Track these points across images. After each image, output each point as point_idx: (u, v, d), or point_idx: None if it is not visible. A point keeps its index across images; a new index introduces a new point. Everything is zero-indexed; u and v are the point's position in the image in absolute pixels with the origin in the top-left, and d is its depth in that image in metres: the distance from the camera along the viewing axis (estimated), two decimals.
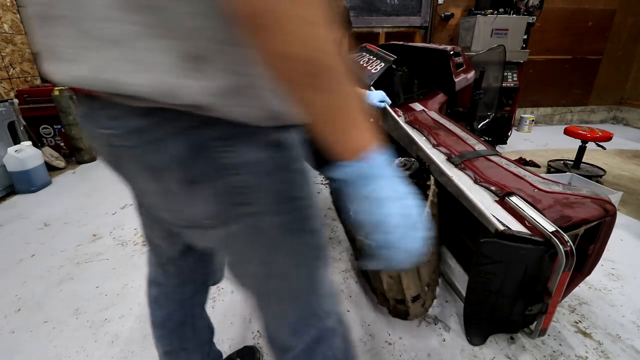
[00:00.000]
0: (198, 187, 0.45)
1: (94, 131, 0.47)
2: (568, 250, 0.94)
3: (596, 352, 1.20)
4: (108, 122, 0.44)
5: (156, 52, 0.37)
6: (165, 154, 0.43)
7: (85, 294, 1.52)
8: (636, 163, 3.08)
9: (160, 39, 0.36)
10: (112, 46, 0.37)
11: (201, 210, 0.48)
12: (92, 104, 0.45)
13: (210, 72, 0.38)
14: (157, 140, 0.42)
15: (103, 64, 0.38)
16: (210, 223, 0.49)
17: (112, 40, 0.37)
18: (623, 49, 4.38)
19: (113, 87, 0.38)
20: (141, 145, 0.43)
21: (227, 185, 0.45)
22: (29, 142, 2.63)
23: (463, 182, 1.26)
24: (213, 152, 0.43)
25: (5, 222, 2.16)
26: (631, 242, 1.86)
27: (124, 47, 0.37)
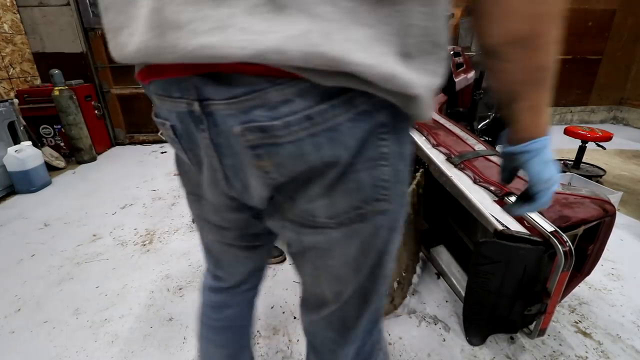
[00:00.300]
0: (341, 182, 0.42)
1: (225, 130, 0.39)
2: (567, 251, 0.94)
3: (596, 352, 1.20)
4: (261, 111, 0.37)
5: (374, 40, 0.35)
6: (335, 147, 0.39)
7: (85, 294, 1.52)
8: (636, 163, 3.08)
9: (381, 30, 0.35)
10: (325, 22, 0.33)
11: (328, 206, 0.44)
12: (211, 93, 0.38)
13: (417, 69, 0.38)
14: (330, 130, 0.38)
15: (317, 37, 0.33)
16: (329, 222, 0.45)
17: (323, 17, 0.33)
18: (623, 49, 4.38)
19: (332, 64, 0.34)
20: (314, 135, 0.38)
21: (373, 178, 0.43)
22: (29, 142, 2.63)
23: (462, 182, 1.26)
24: (375, 140, 0.41)
25: (5, 222, 2.17)
26: (631, 242, 1.86)
27: (342, 26, 0.34)
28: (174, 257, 1.77)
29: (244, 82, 0.36)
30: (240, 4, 0.33)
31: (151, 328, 1.33)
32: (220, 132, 0.40)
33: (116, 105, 3.78)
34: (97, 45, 3.55)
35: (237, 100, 0.37)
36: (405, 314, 1.37)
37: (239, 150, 0.41)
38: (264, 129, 0.37)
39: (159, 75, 0.41)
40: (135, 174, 2.97)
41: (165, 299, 1.48)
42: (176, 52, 0.34)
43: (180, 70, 0.38)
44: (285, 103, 0.36)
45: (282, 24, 0.33)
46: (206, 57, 0.33)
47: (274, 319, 1.36)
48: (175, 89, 0.40)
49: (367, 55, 0.34)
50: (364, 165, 0.41)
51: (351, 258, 0.50)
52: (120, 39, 0.40)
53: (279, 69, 0.35)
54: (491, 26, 0.42)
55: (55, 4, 3.30)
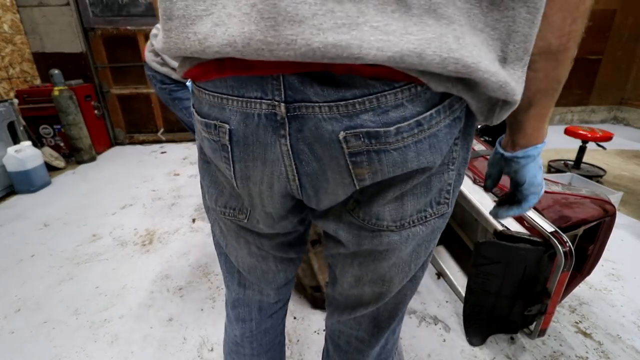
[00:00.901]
0: (417, 184, 0.41)
1: (322, 135, 0.36)
2: (567, 251, 0.93)
3: (596, 352, 1.20)
4: (372, 116, 0.35)
5: (485, 45, 0.34)
6: (436, 153, 0.38)
7: (85, 294, 1.52)
8: (637, 163, 3.08)
9: (488, 35, 0.35)
10: (453, 25, 0.32)
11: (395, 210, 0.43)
12: (313, 94, 0.35)
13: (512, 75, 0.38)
14: (433, 135, 0.37)
15: (451, 42, 0.31)
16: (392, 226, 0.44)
17: (451, 19, 0.32)
18: (623, 48, 4.37)
19: (465, 71, 0.32)
20: (419, 142, 0.37)
21: (442, 182, 0.43)
22: (29, 142, 2.63)
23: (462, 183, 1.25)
24: (453, 145, 0.41)
25: (5, 222, 2.17)
26: (632, 243, 1.85)
27: (468, 29, 0.33)
28: (174, 257, 1.77)
29: (358, 84, 0.34)
30: (366, 1, 0.30)
31: (151, 328, 1.33)
32: (305, 137, 0.37)
33: (116, 105, 3.78)
34: (97, 45, 3.55)
35: (345, 103, 0.34)
36: (405, 314, 1.37)
37: (326, 157, 0.38)
38: (372, 135, 0.35)
39: (243, 72, 0.36)
40: (135, 174, 2.97)
41: (165, 299, 1.48)
42: (293, 49, 0.31)
43: (275, 68, 0.34)
44: (396, 108, 0.35)
45: (415, 25, 0.31)
46: (332, 56, 0.30)
47: None
48: (256, 88, 0.36)
49: (487, 62, 0.33)
50: (437, 169, 0.41)
51: (403, 261, 0.50)
52: (197, 28, 0.35)
53: (403, 73, 0.33)
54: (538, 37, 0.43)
55: (55, 4, 3.30)
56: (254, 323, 0.73)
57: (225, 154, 0.42)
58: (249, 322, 0.73)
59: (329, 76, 0.34)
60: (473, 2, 0.32)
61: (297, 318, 1.36)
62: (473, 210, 1.15)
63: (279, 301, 0.74)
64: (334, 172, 0.39)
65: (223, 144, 0.41)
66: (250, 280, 0.67)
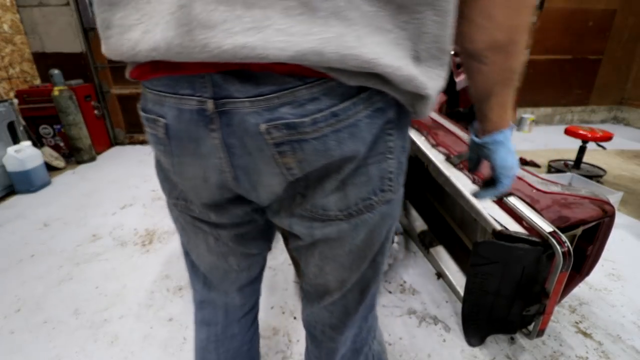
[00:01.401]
0: (354, 176, 0.44)
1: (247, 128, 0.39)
2: (565, 251, 0.93)
3: (596, 352, 1.20)
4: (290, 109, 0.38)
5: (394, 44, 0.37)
6: (355, 142, 0.41)
7: (84, 294, 1.52)
8: (637, 163, 3.08)
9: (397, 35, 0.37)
10: (354, 26, 0.35)
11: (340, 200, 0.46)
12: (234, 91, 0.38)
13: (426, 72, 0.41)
14: (351, 125, 0.40)
15: (351, 40, 0.35)
16: (339, 214, 0.47)
17: (353, 21, 0.35)
18: (623, 48, 4.37)
19: (366, 66, 0.35)
20: (338, 131, 0.40)
21: (382, 171, 0.46)
22: (29, 142, 2.63)
23: (461, 182, 1.26)
24: (384, 135, 0.44)
25: (4, 222, 2.17)
26: (632, 243, 1.85)
27: (370, 30, 0.36)
28: (173, 257, 1.77)
29: (274, 81, 0.37)
30: (273, 6, 0.33)
31: (151, 328, 1.33)
32: (234, 131, 0.40)
33: (116, 105, 3.79)
34: (97, 45, 3.55)
35: (264, 98, 0.37)
36: (406, 315, 1.37)
37: (255, 149, 0.41)
38: (290, 126, 0.38)
39: (171, 72, 0.40)
40: (135, 174, 2.97)
41: (165, 299, 1.48)
42: (207, 52, 0.34)
43: (199, 68, 0.37)
44: (312, 101, 0.38)
45: (318, 26, 0.34)
46: (242, 56, 0.33)
47: (274, 319, 1.36)
48: (186, 86, 0.40)
49: (392, 58, 0.37)
50: (374, 159, 0.44)
51: (358, 247, 0.52)
52: (130, 36, 0.39)
53: (311, 69, 0.36)
54: (475, 33, 0.47)
55: (55, 4, 3.30)
56: (219, 327, 0.73)
57: (162, 147, 0.46)
58: (214, 326, 0.73)
59: (248, 74, 0.37)
60: (380, 6, 0.35)
61: (297, 318, 1.36)
62: (472, 211, 1.15)
63: (245, 304, 0.74)
64: (264, 164, 0.42)
65: (160, 137, 0.45)
66: (213, 280, 0.68)
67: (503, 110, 0.57)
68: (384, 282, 1.55)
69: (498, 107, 0.56)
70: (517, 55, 0.50)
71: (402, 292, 1.50)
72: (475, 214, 1.14)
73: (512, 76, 0.52)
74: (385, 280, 1.57)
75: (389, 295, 1.48)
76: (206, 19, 0.33)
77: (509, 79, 0.53)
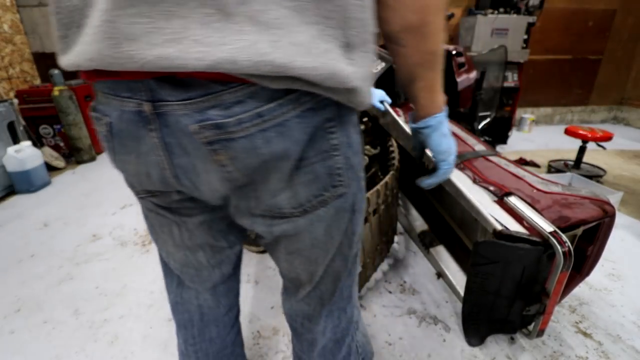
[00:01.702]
0: (299, 174, 0.47)
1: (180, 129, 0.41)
2: (566, 251, 0.93)
3: (596, 352, 1.20)
4: (216, 111, 0.40)
5: (318, 37, 0.39)
6: (285, 141, 0.43)
7: (85, 294, 1.52)
8: (637, 163, 3.08)
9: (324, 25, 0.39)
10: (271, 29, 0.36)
11: (291, 198, 0.48)
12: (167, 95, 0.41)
13: (359, 59, 0.43)
14: (279, 125, 0.42)
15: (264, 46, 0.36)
16: (294, 211, 0.50)
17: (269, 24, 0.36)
18: (623, 48, 4.37)
19: (279, 70, 0.37)
20: (260, 132, 0.41)
21: (328, 168, 0.48)
22: (29, 142, 2.63)
23: (462, 182, 1.25)
24: (324, 134, 0.46)
25: (4, 222, 2.17)
26: (632, 243, 1.85)
27: (286, 31, 0.37)
28: None
29: (199, 86, 0.39)
30: (191, 15, 0.35)
31: (151, 328, 1.33)
32: (172, 132, 0.42)
33: None
34: None
35: (193, 102, 0.40)
36: (406, 315, 1.37)
37: (192, 148, 0.43)
38: (218, 126, 0.40)
39: (111, 77, 0.42)
40: None
41: (165, 299, 1.47)
42: (134, 62, 0.36)
43: (135, 74, 0.40)
44: (238, 103, 0.40)
45: (232, 34, 0.36)
46: (164, 67, 0.36)
47: (274, 319, 1.36)
48: (125, 89, 0.42)
49: (310, 59, 0.38)
50: (318, 157, 0.47)
51: (319, 240, 0.55)
52: (75, 48, 0.41)
53: (232, 75, 0.38)
54: (389, 15, 0.48)
55: None
56: (195, 329, 0.73)
57: (107, 144, 0.49)
58: (190, 328, 0.73)
59: (176, 80, 0.40)
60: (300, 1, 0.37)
61: None
62: (472, 210, 1.15)
63: (221, 305, 0.73)
64: (201, 162, 0.44)
65: (105, 135, 0.47)
66: (185, 279, 0.68)
67: (431, 94, 0.59)
68: (384, 282, 1.55)
69: (426, 91, 0.58)
70: (433, 36, 0.51)
71: (402, 292, 1.50)
72: (475, 214, 1.14)
73: (433, 58, 0.54)
74: (385, 280, 1.57)
75: (389, 295, 1.48)
76: (130, 32, 0.36)
77: (429, 62, 0.54)
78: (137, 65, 0.36)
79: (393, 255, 1.75)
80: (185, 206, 0.56)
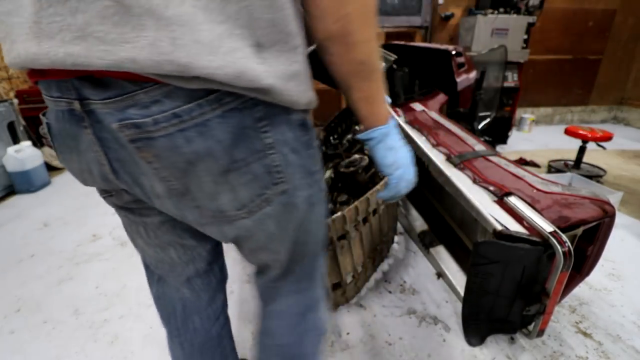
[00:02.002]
0: (235, 175, 0.46)
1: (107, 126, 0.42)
2: (566, 251, 0.93)
3: (596, 352, 1.20)
4: (134, 111, 0.40)
5: (226, 36, 0.38)
6: (207, 141, 0.42)
7: (84, 294, 1.52)
8: (637, 163, 3.07)
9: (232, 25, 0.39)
10: (174, 26, 0.36)
11: (233, 200, 0.48)
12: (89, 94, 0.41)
13: (272, 59, 0.43)
14: (199, 125, 0.42)
15: (166, 45, 0.36)
16: (240, 213, 0.50)
17: (173, 20, 0.36)
18: (623, 49, 4.37)
19: (185, 70, 0.37)
20: (180, 131, 0.41)
21: (265, 166, 0.48)
22: (29, 142, 2.63)
23: (462, 182, 1.25)
24: (254, 133, 0.46)
25: (4, 222, 2.17)
26: (632, 243, 1.85)
27: (189, 29, 0.36)
28: None
29: (116, 85, 0.40)
30: (91, 10, 0.35)
31: (151, 328, 1.33)
32: (103, 127, 0.43)
33: None
34: None
35: (112, 101, 0.40)
36: (406, 315, 1.37)
37: (121, 144, 0.44)
38: (137, 125, 0.40)
39: (41, 77, 0.44)
40: None
41: None
42: (49, 59, 0.38)
43: (60, 73, 0.41)
44: (155, 103, 0.40)
45: (132, 31, 0.36)
46: (72, 64, 0.37)
47: None
48: (55, 89, 0.43)
49: (215, 57, 0.38)
50: (254, 157, 0.46)
51: (275, 235, 0.56)
52: (5, 47, 0.44)
53: (141, 75, 0.38)
54: (314, 24, 0.47)
55: None
56: (179, 321, 0.75)
57: (53, 145, 0.51)
58: (173, 320, 0.75)
59: (95, 79, 0.40)
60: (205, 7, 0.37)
61: None
62: (472, 210, 1.15)
63: (201, 298, 0.74)
64: (131, 158, 0.45)
65: (49, 136, 0.49)
66: (162, 275, 0.71)
67: (371, 105, 0.57)
68: (384, 282, 1.55)
69: (364, 102, 0.56)
70: (359, 47, 0.49)
71: (402, 292, 1.50)
72: (475, 214, 1.14)
73: (365, 69, 0.52)
74: (385, 280, 1.57)
75: (389, 295, 1.48)
76: (48, 29, 0.37)
77: (361, 72, 0.52)
78: (51, 62, 0.38)
79: (393, 255, 1.75)
80: (142, 206, 0.57)
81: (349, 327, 1.32)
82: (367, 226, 1.36)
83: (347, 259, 1.31)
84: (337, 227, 1.19)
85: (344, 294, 1.38)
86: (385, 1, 3.83)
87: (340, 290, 1.36)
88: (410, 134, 1.62)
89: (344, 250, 1.27)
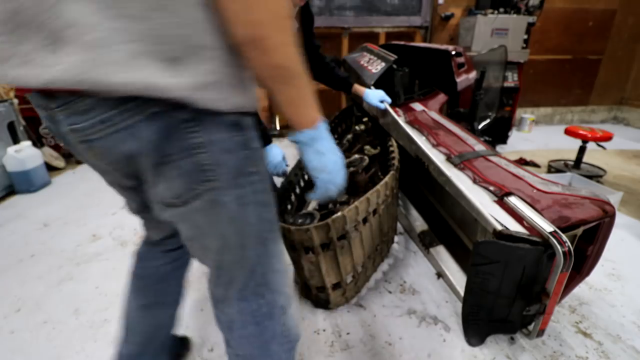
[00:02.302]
0: (167, 168, 0.53)
1: (61, 130, 0.51)
2: (566, 251, 0.93)
3: (596, 352, 1.20)
4: (75, 117, 0.48)
5: (138, 54, 0.43)
6: (137, 140, 0.49)
7: (84, 294, 1.52)
8: (637, 163, 3.07)
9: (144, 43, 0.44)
10: (92, 49, 0.42)
11: (168, 189, 0.55)
12: (49, 104, 0.50)
13: (186, 71, 0.46)
14: (128, 127, 0.48)
15: (85, 65, 0.42)
16: (175, 202, 0.57)
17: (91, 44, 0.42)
18: (623, 49, 4.37)
19: (101, 86, 0.44)
20: (113, 133, 0.49)
21: (195, 164, 0.53)
22: (29, 142, 2.63)
23: (462, 182, 1.26)
24: (182, 133, 0.51)
25: (4, 222, 2.17)
26: (632, 243, 1.85)
27: (106, 50, 0.42)
28: None
29: (57, 98, 0.48)
30: (33, 40, 0.44)
31: None
32: (64, 131, 0.51)
33: None
34: None
35: (60, 110, 0.49)
36: (406, 315, 1.37)
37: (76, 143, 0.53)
38: (77, 130, 0.50)
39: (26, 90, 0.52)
40: None
41: None
42: (6, 80, 0.47)
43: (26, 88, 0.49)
44: (89, 110, 0.48)
45: (64, 56, 0.43)
46: (20, 85, 0.46)
47: None
48: (35, 99, 0.53)
49: (127, 75, 0.43)
50: (181, 154, 0.52)
51: (201, 228, 0.60)
52: None
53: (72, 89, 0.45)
54: (227, 29, 0.49)
55: None
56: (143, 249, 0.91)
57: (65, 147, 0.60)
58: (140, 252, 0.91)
59: (47, 92, 0.49)
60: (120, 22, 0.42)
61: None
62: (473, 210, 1.15)
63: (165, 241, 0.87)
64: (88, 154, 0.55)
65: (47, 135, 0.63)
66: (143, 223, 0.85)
67: (295, 109, 0.58)
68: (384, 282, 1.55)
69: (287, 105, 0.57)
70: (274, 51, 0.50)
71: (402, 292, 1.50)
72: (475, 214, 1.14)
73: (283, 73, 0.53)
74: (385, 280, 1.57)
75: (389, 295, 1.48)
76: (3, 56, 0.46)
77: (280, 76, 0.53)
78: (6, 81, 0.47)
79: (393, 255, 1.75)
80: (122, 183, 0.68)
81: (349, 327, 1.32)
82: (367, 226, 1.36)
83: (347, 259, 1.31)
84: (337, 227, 1.19)
85: (344, 294, 1.38)
86: (385, 1, 3.83)
87: (340, 290, 1.36)
88: (410, 134, 1.62)
89: (344, 250, 1.27)
